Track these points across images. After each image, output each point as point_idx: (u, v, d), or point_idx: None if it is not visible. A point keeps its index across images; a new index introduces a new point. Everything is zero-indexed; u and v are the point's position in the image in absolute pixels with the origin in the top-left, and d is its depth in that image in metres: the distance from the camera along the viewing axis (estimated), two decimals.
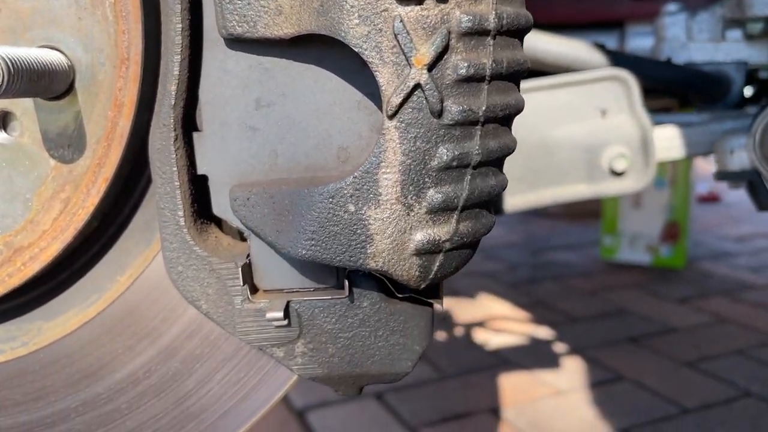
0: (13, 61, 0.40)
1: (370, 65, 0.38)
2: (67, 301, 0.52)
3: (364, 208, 0.39)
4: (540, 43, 1.12)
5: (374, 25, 0.37)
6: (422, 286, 0.41)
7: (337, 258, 0.40)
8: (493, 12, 0.37)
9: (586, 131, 1.00)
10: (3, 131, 0.47)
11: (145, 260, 0.51)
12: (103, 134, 0.47)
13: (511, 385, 1.96)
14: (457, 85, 0.38)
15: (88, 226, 0.48)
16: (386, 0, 0.37)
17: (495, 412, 1.87)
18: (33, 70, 0.42)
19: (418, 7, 0.37)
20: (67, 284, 0.52)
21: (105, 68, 0.46)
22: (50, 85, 0.44)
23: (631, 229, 2.82)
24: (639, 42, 1.25)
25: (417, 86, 0.38)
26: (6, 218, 0.48)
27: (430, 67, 0.37)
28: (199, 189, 0.45)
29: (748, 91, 1.08)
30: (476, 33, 0.37)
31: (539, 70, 1.16)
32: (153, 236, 0.51)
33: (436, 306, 0.45)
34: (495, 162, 0.41)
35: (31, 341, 0.53)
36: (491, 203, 0.42)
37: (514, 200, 1.00)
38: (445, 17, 0.37)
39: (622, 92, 1.00)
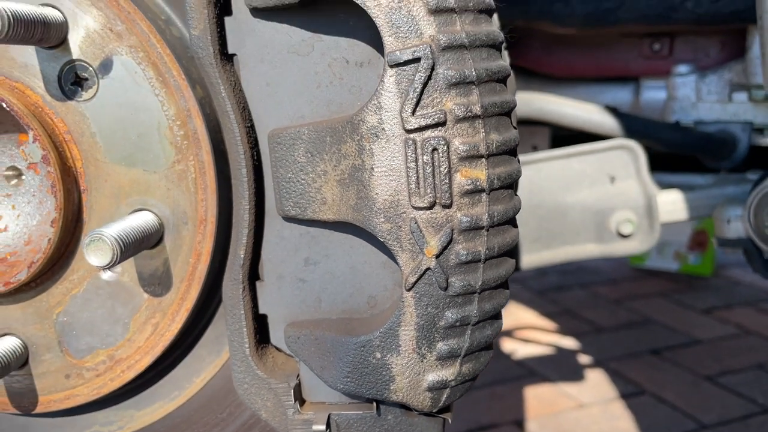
0: (122, 238, 0.53)
1: (391, 251, 0.50)
2: (154, 396, 0.66)
3: (388, 356, 0.51)
4: (559, 107, 1.21)
5: (395, 223, 0.49)
6: (433, 412, 0.53)
7: (367, 392, 0.52)
8: (486, 213, 0.49)
9: (596, 196, 1.09)
10: (110, 271, 0.61)
11: (216, 367, 0.64)
12: (185, 276, 0.60)
13: (536, 396, 2.07)
14: (459, 267, 0.49)
15: (172, 346, 0.62)
16: (405, 205, 0.49)
17: (519, 424, 1.99)
18: (137, 241, 0.55)
19: (428, 211, 0.49)
20: (154, 383, 0.66)
21: (188, 227, 0.59)
22: (146, 242, 0.57)
23: (659, 237, 2.88)
24: (652, 95, 1.33)
25: (428, 269, 0.49)
26: (109, 337, 0.62)
27: (438, 255, 0.49)
28: (260, 324, 0.58)
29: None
30: (473, 228, 0.49)
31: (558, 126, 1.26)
32: (222, 348, 0.64)
33: (446, 417, 0.57)
34: (491, 317, 0.52)
35: (125, 426, 0.67)
36: (491, 343, 0.54)
37: (530, 258, 1.11)
38: (449, 218, 0.49)
39: (630, 160, 1.09)
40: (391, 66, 0.47)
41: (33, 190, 0.63)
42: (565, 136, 1.31)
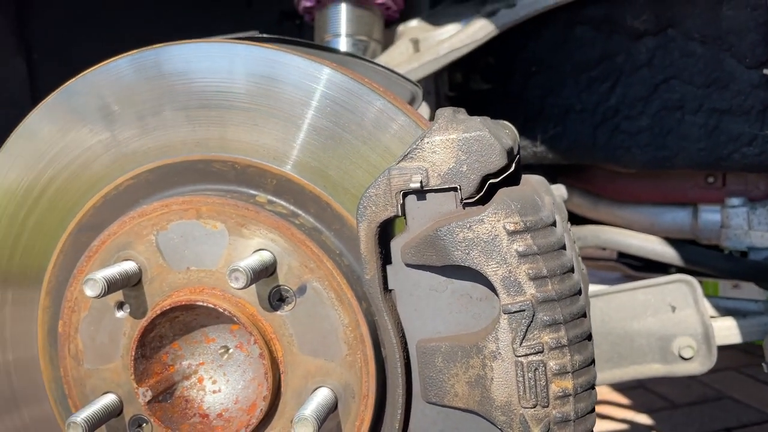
0: (318, 415, 0.79)
1: None
2: None
3: None
4: (625, 239, 1.42)
5: (509, 416, 0.72)
6: None
7: None
8: (573, 410, 0.71)
9: (659, 323, 1.29)
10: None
11: None
12: None
13: None
14: None
15: None
16: (516, 405, 0.72)
17: None
18: (324, 414, 0.80)
19: (532, 409, 0.71)
20: None
21: (354, 400, 0.84)
22: (328, 413, 0.82)
23: (732, 306, 2.94)
24: (709, 217, 1.51)
25: None
26: None
27: None
28: None
29: None
30: (564, 421, 0.71)
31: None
32: None
33: None
34: None
35: None
36: None
37: (603, 376, 1.30)
38: (547, 414, 0.71)
39: (689, 291, 1.28)
40: (505, 313, 0.71)
41: (239, 362, 0.90)
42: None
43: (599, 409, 2.68)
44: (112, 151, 0.92)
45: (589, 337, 0.73)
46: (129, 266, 0.87)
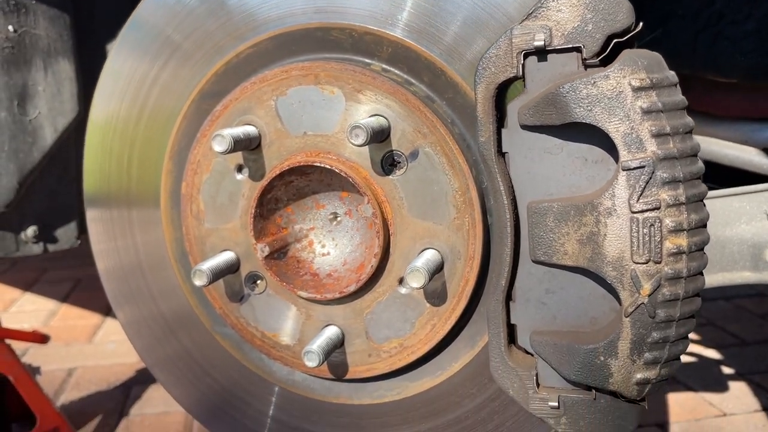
0: (428, 268, 0.83)
1: (616, 289, 0.75)
2: (423, 373, 0.96)
3: (609, 360, 0.77)
4: (721, 149, 1.40)
5: (620, 272, 0.74)
6: (637, 400, 0.78)
7: (591, 383, 0.78)
8: (686, 268, 0.73)
9: (753, 231, 1.27)
10: (403, 288, 0.91)
11: (469, 357, 0.93)
12: (456, 293, 0.89)
13: (678, 403, 2.21)
14: (664, 303, 0.73)
15: (442, 340, 0.91)
16: (628, 260, 0.74)
17: (662, 426, 2.15)
18: (433, 270, 0.84)
19: (644, 265, 0.73)
20: (425, 364, 0.95)
21: (460, 261, 0.88)
22: (436, 271, 0.87)
23: None
24: None
25: (641, 304, 0.74)
26: (401, 331, 0.93)
27: (650, 295, 0.73)
28: (510, 330, 0.85)
29: None
30: (675, 278, 0.73)
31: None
32: (474, 343, 0.93)
33: (643, 405, 0.81)
34: (683, 338, 0.76)
35: (401, 393, 0.97)
36: (680, 356, 0.77)
37: None
38: (659, 271, 0.73)
39: None
40: (624, 170, 0.72)
41: (347, 228, 0.95)
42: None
43: None
44: (238, 17, 0.95)
45: (704, 198, 0.74)
46: (250, 130, 0.92)
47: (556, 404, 0.83)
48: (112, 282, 1.11)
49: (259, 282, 0.98)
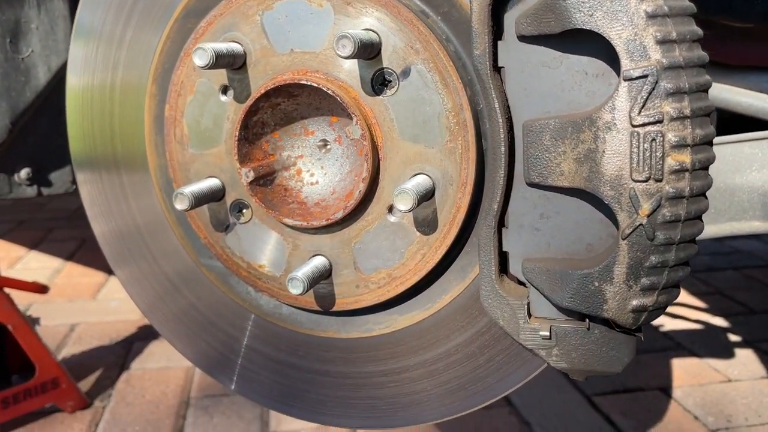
0: (417, 191, 0.79)
1: (613, 210, 0.70)
2: (413, 306, 0.92)
3: (604, 285, 0.72)
4: (734, 96, 1.34)
5: (618, 191, 0.70)
6: (633, 329, 0.74)
7: (585, 310, 0.74)
8: (688, 187, 0.68)
9: (764, 179, 1.21)
10: (392, 216, 0.87)
11: (459, 288, 0.89)
12: (447, 221, 0.85)
13: (681, 368, 2.18)
14: (664, 225, 0.69)
15: (432, 270, 0.87)
16: (626, 178, 0.69)
17: (665, 390, 2.12)
18: (422, 195, 0.80)
19: (644, 183, 0.69)
20: (414, 296, 0.92)
21: (452, 187, 0.84)
22: (426, 196, 0.82)
23: None
24: None
25: (640, 225, 0.70)
26: (390, 261, 0.89)
27: (649, 215, 0.69)
28: (502, 258, 0.81)
29: None
30: (677, 198, 0.68)
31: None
32: (465, 275, 0.89)
33: (639, 336, 0.77)
34: (683, 263, 0.72)
35: (390, 326, 0.94)
36: (679, 283, 0.73)
37: None
38: (660, 189, 0.68)
39: None
40: (626, 80, 0.68)
41: (337, 156, 0.91)
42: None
43: (671, 309, 2.62)
44: None
45: (710, 114, 0.69)
46: (234, 46, 0.88)
47: (548, 334, 0.79)
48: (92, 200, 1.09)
49: (245, 211, 0.94)
